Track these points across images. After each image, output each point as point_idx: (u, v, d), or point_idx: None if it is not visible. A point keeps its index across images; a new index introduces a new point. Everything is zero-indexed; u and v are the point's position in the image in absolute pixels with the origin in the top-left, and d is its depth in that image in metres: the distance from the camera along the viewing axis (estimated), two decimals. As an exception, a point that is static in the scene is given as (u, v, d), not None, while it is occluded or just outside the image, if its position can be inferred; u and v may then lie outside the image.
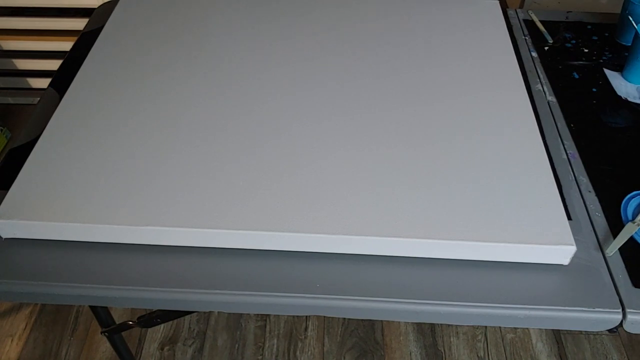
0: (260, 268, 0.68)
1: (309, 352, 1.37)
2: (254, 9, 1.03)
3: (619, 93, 0.95)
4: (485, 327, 1.43)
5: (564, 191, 0.77)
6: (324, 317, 1.43)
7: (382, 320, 1.44)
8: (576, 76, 0.98)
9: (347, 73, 0.89)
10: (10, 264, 0.68)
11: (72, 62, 0.96)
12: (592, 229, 0.73)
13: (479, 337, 1.41)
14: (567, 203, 0.76)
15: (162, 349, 1.37)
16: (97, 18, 1.08)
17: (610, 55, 1.03)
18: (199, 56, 0.92)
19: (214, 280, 0.66)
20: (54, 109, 0.83)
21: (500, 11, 1.04)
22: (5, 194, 0.71)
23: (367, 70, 0.89)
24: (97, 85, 0.86)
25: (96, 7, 1.14)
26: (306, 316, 1.44)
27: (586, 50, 1.04)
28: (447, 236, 0.66)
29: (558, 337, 1.41)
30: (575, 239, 0.67)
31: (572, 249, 0.66)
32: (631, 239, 0.71)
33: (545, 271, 0.68)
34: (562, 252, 0.67)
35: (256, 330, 1.41)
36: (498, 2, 1.06)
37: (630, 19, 1.00)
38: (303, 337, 1.40)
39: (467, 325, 1.43)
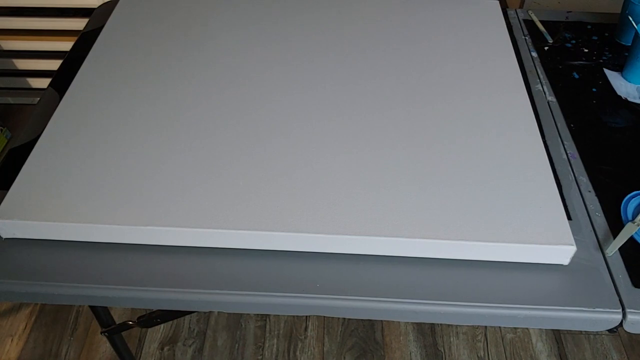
0: (260, 268, 0.68)
1: (309, 352, 1.37)
2: (254, 9, 1.03)
3: (619, 93, 0.95)
4: (485, 327, 1.43)
5: (564, 191, 0.77)
6: (324, 317, 1.43)
7: (382, 320, 1.44)
8: (576, 76, 0.98)
9: (347, 73, 0.89)
10: (10, 264, 0.68)
11: (72, 62, 0.96)
12: (592, 229, 0.73)
13: (479, 337, 1.40)
14: (567, 203, 0.76)
15: (162, 349, 1.37)
16: (97, 18, 1.08)
17: (610, 55, 1.03)
18: (199, 56, 0.92)
19: (214, 280, 0.66)
20: (54, 109, 0.83)
21: (500, 11, 1.04)
22: (5, 194, 0.71)
23: (367, 71, 0.89)
24: (97, 85, 0.86)
25: (96, 7, 1.14)
26: (306, 316, 1.44)
27: (586, 50, 1.04)
28: (447, 236, 0.66)
29: (558, 337, 1.41)
30: (575, 239, 0.67)
31: (572, 249, 0.66)
32: (631, 239, 0.71)
33: (545, 271, 0.68)
34: (562, 252, 0.67)
35: (256, 330, 1.41)
36: (498, 2, 1.06)
37: (630, 19, 1.00)
38: (303, 337, 1.40)
39: (467, 325, 1.43)
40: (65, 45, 1.70)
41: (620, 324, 0.65)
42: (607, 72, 0.99)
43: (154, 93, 0.85)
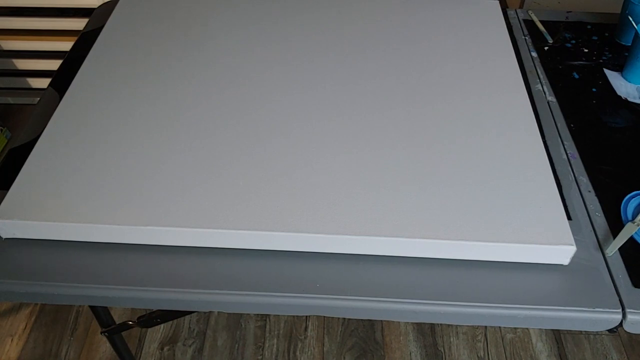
0: (260, 268, 0.68)
1: (309, 352, 1.37)
2: (254, 9, 1.03)
3: (619, 93, 0.95)
4: (485, 327, 1.43)
5: (564, 191, 0.77)
6: (324, 317, 1.43)
7: (382, 320, 1.44)
8: (576, 76, 0.98)
9: (347, 73, 0.89)
10: (10, 264, 0.68)
11: (72, 62, 0.96)
12: (592, 229, 0.73)
13: (479, 337, 1.40)
14: (567, 203, 0.76)
15: (162, 349, 1.37)
16: (97, 18, 1.08)
17: (610, 55, 1.03)
18: (199, 56, 0.92)
19: (214, 280, 0.66)
20: (54, 109, 0.83)
21: (500, 11, 1.04)
22: (5, 194, 0.71)
23: (367, 71, 0.89)
24: (97, 85, 0.86)
25: (96, 7, 1.14)
26: (306, 316, 1.44)
27: (586, 50, 1.04)
28: (447, 236, 0.66)
29: (558, 337, 1.41)
30: (575, 239, 0.67)
31: (572, 249, 0.66)
32: (631, 239, 0.71)
33: (545, 271, 0.68)
34: (562, 252, 0.67)
35: (256, 330, 1.41)
36: (498, 2, 1.06)
37: (630, 19, 1.00)
38: (303, 337, 1.40)
39: (467, 325, 1.43)
40: (65, 45, 1.70)
41: (620, 324, 0.65)
42: (607, 72, 0.99)
43: (154, 93, 0.85)
